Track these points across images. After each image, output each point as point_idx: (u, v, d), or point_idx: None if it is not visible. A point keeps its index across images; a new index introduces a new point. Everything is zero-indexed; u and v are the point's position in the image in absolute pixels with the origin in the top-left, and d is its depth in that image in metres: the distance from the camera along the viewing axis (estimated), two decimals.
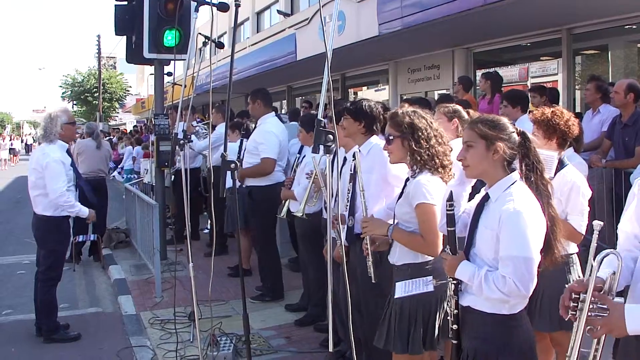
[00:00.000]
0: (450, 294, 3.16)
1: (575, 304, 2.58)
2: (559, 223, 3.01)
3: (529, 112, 6.43)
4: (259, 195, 7.37)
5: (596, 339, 2.62)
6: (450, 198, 3.12)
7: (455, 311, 3.14)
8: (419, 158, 3.71)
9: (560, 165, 4.17)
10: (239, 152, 8.42)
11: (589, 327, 2.54)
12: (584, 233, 4.05)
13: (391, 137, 3.82)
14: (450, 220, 3.10)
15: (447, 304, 3.23)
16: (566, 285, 4.09)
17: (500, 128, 3.03)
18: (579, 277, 4.27)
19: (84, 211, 6.56)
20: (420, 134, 3.73)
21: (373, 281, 4.09)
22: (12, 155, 45.08)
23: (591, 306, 2.53)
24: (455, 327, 3.15)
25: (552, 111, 4.31)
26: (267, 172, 7.31)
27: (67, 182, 6.33)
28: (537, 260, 2.85)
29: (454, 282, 3.11)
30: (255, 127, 7.85)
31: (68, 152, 6.64)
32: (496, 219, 2.91)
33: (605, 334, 2.54)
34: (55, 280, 6.50)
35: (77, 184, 6.71)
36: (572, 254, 4.18)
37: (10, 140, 48.28)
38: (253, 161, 7.35)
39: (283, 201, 6.72)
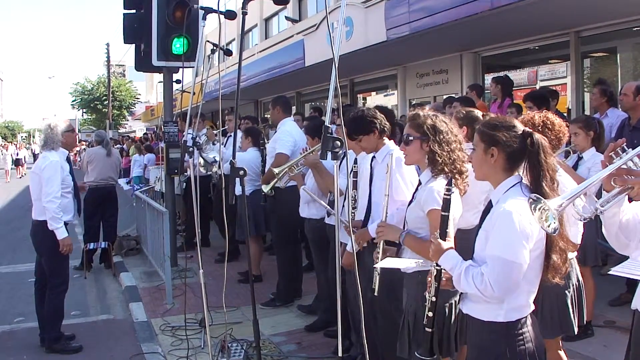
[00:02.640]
0: (432, 279, 3.14)
1: (622, 152, 2.58)
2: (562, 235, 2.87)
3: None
4: (282, 196, 7.28)
5: None
6: (449, 183, 3.10)
7: (434, 299, 3.12)
8: (439, 161, 3.65)
9: None
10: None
11: (620, 183, 2.55)
12: (579, 242, 4.03)
13: (411, 138, 3.76)
14: (446, 205, 3.08)
15: (427, 292, 3.18)
16: (566, 292, 4.09)
17: (498, 129, 2.97)
18: (579, 280, 4.26)
19: (62, 233, 6.29)
20: (442, 137, 3.68)
21: (375, 293, 4.02)
22: (17, 167, 40.61)
23: (635, 160, 2.54)
24: (430, 314, 3.14)
25: (544, 122, 4.15)
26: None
27: (61, 188, 6.35)
28: (524, 264, 2.76)
29: (437, 267, 3.10)
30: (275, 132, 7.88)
31: (68, 159, 6.71)
32: (490, 219, 2.90)
33: (635, 188, 2.52)
34: (62, 287, 6.49)
35: (75, 193, 6.73)
36: (570, 259, 4.16)
37: (15, 149, 44.00)
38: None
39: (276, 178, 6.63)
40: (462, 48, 12.45)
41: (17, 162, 40.72)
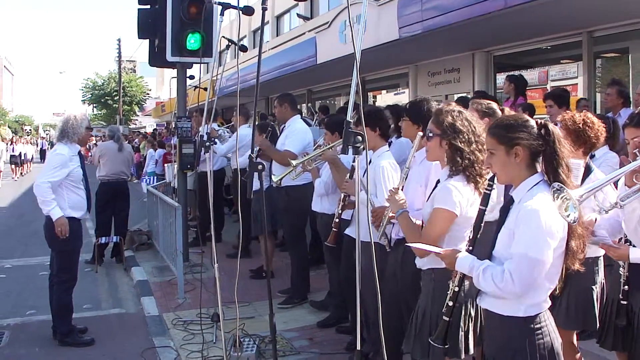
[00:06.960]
0: (455, 283, 3.22)
1: None
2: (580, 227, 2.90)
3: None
4: (294, 194, 7.35)
5: None
6: (492, 179, 3.13)
7: (456, 289, 3.23)
8: (459, 161, 3.59)
9: (587, 171, 4.14)
10: None
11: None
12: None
13: (431, 135, 3.73)
14: (484, 199, 3.15)
15: (452, 281, 3.27)
16: (592, 287, 4.11)
17: (517, 127, 2.96)
18: (602, 281, 4.27)
19: (56, 213, 6.25)
20: (461, 136, 3.61)
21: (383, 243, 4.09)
22: (14, 166, 32.43)
23: None
24: (450, 303, 3.28)
25: (584, 120, 4.18)
26: (284, 164, 7.25)
27: (70, 182, 6.40)
28: (547, 263, 2.79)
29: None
30: (282, 129, 7.88)
31: (80, 154, 6.69)
32: (515, 217, 2.89)
33: None
34: (70, 283, 6.51)
35: (87, 188, 6.72)
36: (599, 257, 4.16)
37: (11, 144, 34.10)
38: None
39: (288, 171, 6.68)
40: (474, 47, 12.43)
41: (13, 160, 32.45)
